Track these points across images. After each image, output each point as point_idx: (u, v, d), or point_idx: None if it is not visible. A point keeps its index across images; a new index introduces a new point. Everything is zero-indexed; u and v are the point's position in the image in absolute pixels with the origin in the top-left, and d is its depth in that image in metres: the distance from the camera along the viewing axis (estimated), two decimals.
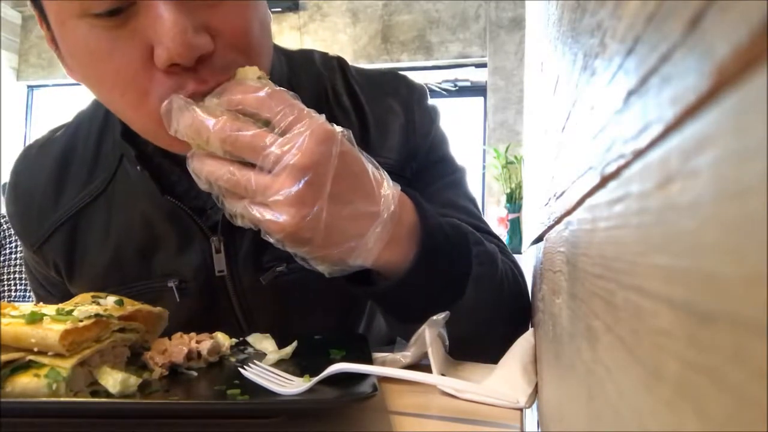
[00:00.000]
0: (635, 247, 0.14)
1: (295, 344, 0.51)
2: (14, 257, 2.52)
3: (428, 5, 3.71)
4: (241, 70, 0.47)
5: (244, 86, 0.45)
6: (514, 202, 2.89)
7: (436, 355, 0.47)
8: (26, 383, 0.38)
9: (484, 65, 3.61)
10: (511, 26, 3.50)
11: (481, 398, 0.42)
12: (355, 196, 0.45)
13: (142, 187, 0.61)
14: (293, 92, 0.46)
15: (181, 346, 0.47)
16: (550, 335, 0.38)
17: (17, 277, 2.51)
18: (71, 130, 0.69)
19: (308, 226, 0.43)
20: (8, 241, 2.51)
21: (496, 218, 3.00)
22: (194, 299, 0.63)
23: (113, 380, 0.40)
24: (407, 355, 0.49)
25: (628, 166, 0.15)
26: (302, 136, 0.42)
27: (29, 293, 2.46)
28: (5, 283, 2.50)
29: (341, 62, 0.69)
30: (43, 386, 0.37)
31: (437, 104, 0.70)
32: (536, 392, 0.44)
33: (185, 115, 0.44)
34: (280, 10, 3.80)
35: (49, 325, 0.39)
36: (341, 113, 0.64)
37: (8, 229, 2.48)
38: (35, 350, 0.39)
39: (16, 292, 2.50)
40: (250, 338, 0.55)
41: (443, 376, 0.45)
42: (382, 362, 0.49)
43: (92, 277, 0.64)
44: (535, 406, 0.45)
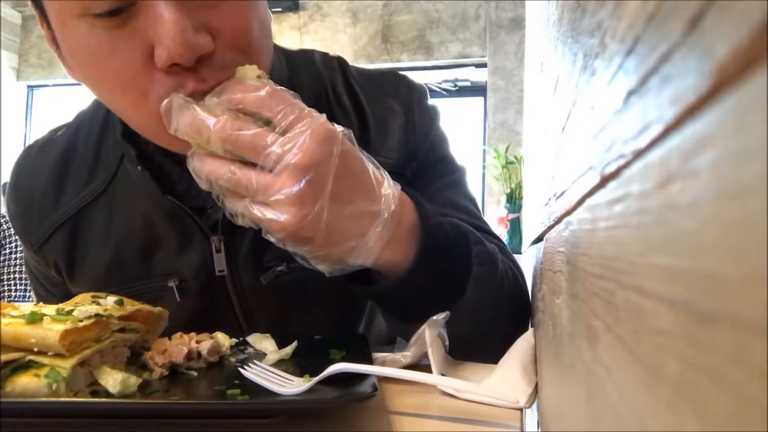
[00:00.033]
0: (635, 247, 0.14)
1: (295, 344, 0.51)
2: (14, 257, 2.52)
3: (428, 5, 3.71)
4: (240, 69, 0.47)
5: (244, 85, 0.45)
6: (514, 202, 2.90)
7: (436, 355, 0.47)
8: (26, 383, 0.38)
9: (484, 65, 3.61)
10: (511, 26, 3.50)
11: (481, 398, 0.42)
12: (356, 195, 0.45)
13: (142, 186, 0.61)
14: (293, 92, 0.46)
15: (181, 346, 0.47)
16: (550, 335, 0.38)
17: (17, 277, 2.51)
18: (72, 130, 0.69)
19: (309, 225, 0.43)
20: (8, 241, 2.51)
21: (496, 218, 3.00)
22: (194, 299, 0.63)
23: (113, 380, 0.40)
24: (407, 355, 0.49)
25: (628, 166, 0.15)
26: (303, 135, 0.42)
27: (29, 293, 2.46)
28: (5, 283, 2.50)
29: (341, 62, 0.69)
30: (43, 386, 0.37)
31: (437, 104, 0.70)
32: (536, 392, 0.44)
33: (185, 114, 0.44)
34: (280, 10, 3.80)
35: (49, 325, 0.39)
36: (341, 113, 0.64)
37: (8, 229, 2.49)
38: (35, 350, 0.39)
39: (16, 292, 2.51)
40: (250, 338, 0.55)
41: (443, 376, 0.45)
42: (382, 362, 0.49)
43: (93, 276, 0.64)
44: (535, 406, 0.45)
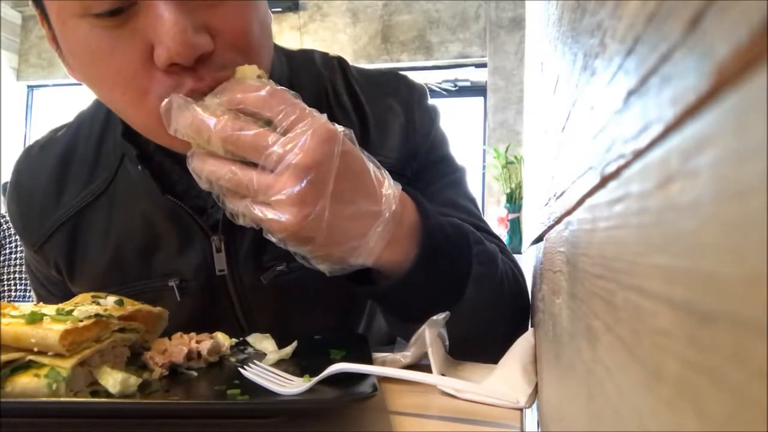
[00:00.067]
0: (635, 247, 0.14)
1: (295, 344, 0.51)
2: (14, 257, 2.52)
3: (428, 5, 3.71)
4: (240, 69, 0.47)
5: (244, 85, 0.45)
6: (514, 202, 2.90)
7: (436, 355, 0.47)
8: (26, 383, 0.38)
9: (484, 65, 3.61)
10: (511, 26, 3.50)
11: (481, 398, 0.42)
12: (357, 195, 0.45)
13: (143, 186, 0.61)
14: (294, 91, 0.46)
15: (181, 346, 0.47)
16: (550, 335, 0.38)
17: (17, 277, 2.51)
18: (72, 129, 0.69)
19: (310, 225, 0.43)
20: (8, 241, 2.51)
21: (496, 218, 3.00)
22: (195, 298, 0.63)
23: (113, 380, 0.40)
24: (407, 355, 0.49)
25: (628, 166, 0.15)
26: (304, 135, 0.42)
27: (29, 293, 2.47)
28: (5, 283, 2.50)
29: (341, 62, 0.69)
30: (43, 386, 0.37)
31: (437, 104, 0.70)
32: (536, 392, 0.44)
33: (185, 114, 0.44)
34: (280, 10, 3.81)
35: (49, 325, 0.39)
36: (341, 113, 0.64)
37: (8, 229, 2.49)
38: (35, 350, 0.39)
39: (16, 292, 2.51)
40: (250, 338, 0.55)
41: (443, 376, 0.45)
42: (382, 362, 0.49)
43: (93, 276, 0.65)
44: (535, 406, 0.45)
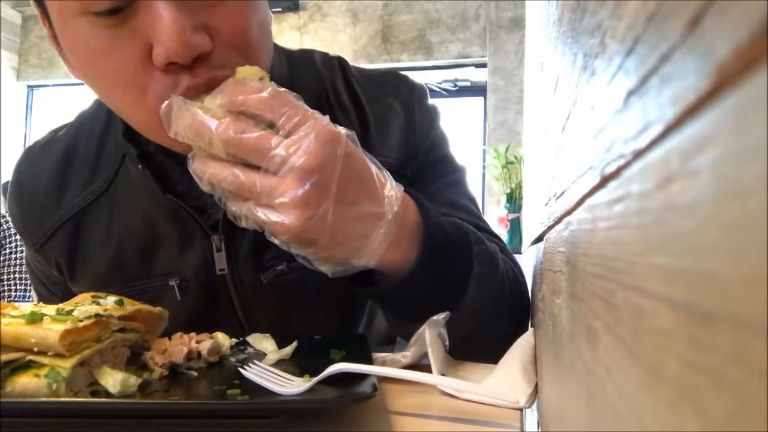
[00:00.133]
0: (635, 247, 0.14)
1: (295, 344, 0.51)
2: (14, 257, 2.52)
3: (428, 5, 3.71)
4: (241, 69, 0.47)
5: (246, 87, 0.45)
6: (514, 202, 2.90)
7: (436, 355, 0.47)
8: (26, 383, 0.38)
9: (484, 65, 3.61)
10: (511, 26, 3.50)
11: (481, 398, 0.42)
12: (359, 197, 0.45)
13: (143, 186, 0.61)
14: (295, 93, 0.46)
15: (181, 346, 0.47)
16: (550, 335, 0.38)
17: (17, 277, 2.51)
18: (73, 129, 0.69)
19: (314, 227, 0.43)
20: (8, 241, 2.51)
21: (496, 218, 3.00)
22: (195, 298, 0.63)
23: (113, 380, 0.40)
24: (407, 355, 0.49)
25: (628, 166, 0.15)
26: (307, 137, 0.42)
27: (29, 293, 2.47)
28: (5, 283, 2.50)
29: (342, 62, 0.69)
30: (43, 386, 0.37)
31: (437, 104, 0.70)
32: (536, 392, 0.44)
33: (185, 116, 0.44)
34: (280, 10, 3.80)
35: (49, 325, 0.39)
36: (342, 113, 0.64)
37: (8, 229, 2.49)
38: (35, 350, 0.39)
39: (16, 292, 2.51)
40: (250, 338, 0.55)
41: (443, 376, 0.45)
42: (382, 362, 0.49)
43: (94, 276, 0.65)
44: (535, 406, 0.45)
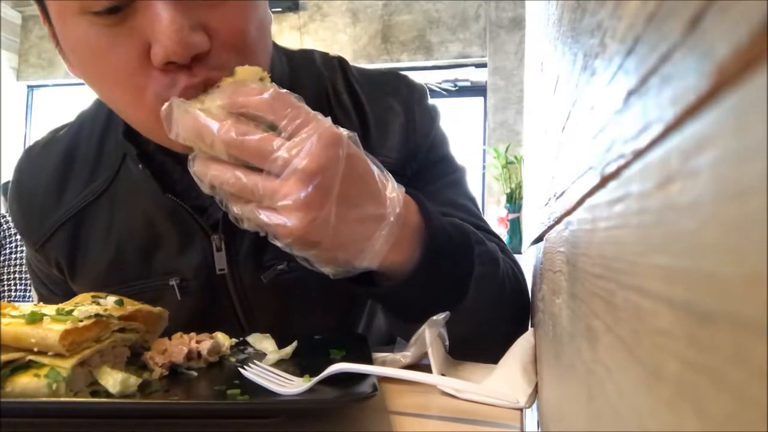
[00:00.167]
0: (635, 247, 0.14)
1: (295, 344, 0.51)
2: (14, 257, 2.52)
3: (428, 5, 3.71)
4: (241, 69, 0.46)
5: (246, 89, 0.45)
6: (514, 202, 2.90)
7: (436, 355, 0.47)
8: (26, 383, 0.38)
9: (484, 65, 3.61)
10: (511, 26, 3.50)
11: (481, 398, 0.42)
12: (362, 198, 0.45)
13: (143, 185, 0.61)
14: (296, 94, 0.46)
15: (181, 346, 0.47)
16: (550, 335, 0.38)
17: (17, 277, 2.51)
18: (74, 129, 0.69)
19: (317, 229, 0.43)
20: (8, 240, 2.51)
21: (496, 218, 3.00)
22: (195, 298, 0.63)
23: (113, 380, 0.40)
24: (407, 355, 0.49)
25: (628, 166, 0.15)
26: (310, 139, 0.42)
27: (29, 293, 2.47)
28: (5, 283, 2.50)
29: (342, 62, 0.69)
30: (43, 386, 0.37)
31: (437, 104, 0.70)
32: (536, 392, 0.44)
33: (186, 118, 0.44)
34: (280, 10, 3.81)
35: (49, 325, 0.39)
36: (342, 113, 0.64)
37: (8, 228, 2.49)
38: (35, 350, 0.39)
39: (16, 292, 2.51)
40: (250, 338, 0.55)
41: (443, 376, 0.45)
42: (382, 362, 0.49)
43: (94, 275, 0.65)
44: (535, 406, 0.45)
